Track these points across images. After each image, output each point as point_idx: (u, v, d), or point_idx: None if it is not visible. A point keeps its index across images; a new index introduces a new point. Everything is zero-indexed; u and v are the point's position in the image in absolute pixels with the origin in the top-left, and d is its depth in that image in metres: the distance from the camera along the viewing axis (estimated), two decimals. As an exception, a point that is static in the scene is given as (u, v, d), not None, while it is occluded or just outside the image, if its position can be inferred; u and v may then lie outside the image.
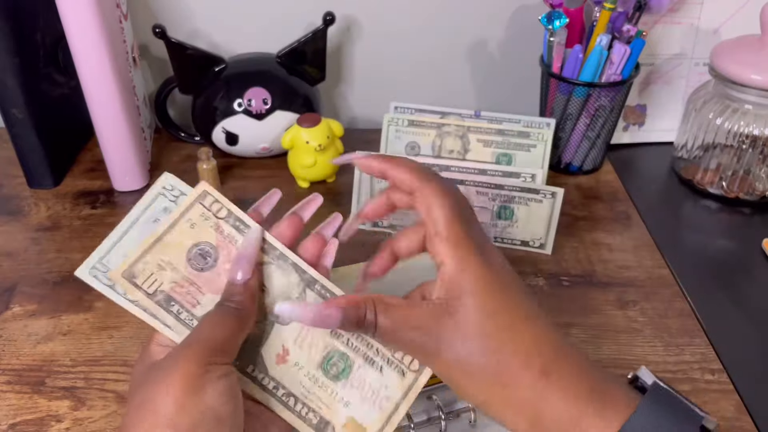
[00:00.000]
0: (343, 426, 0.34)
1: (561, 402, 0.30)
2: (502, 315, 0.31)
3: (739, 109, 0.67)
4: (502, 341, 0.31)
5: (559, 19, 0.66)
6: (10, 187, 0.72)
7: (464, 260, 0.32)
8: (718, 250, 0.65)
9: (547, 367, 0.30)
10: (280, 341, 0.35)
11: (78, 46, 0.61)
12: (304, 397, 0.34)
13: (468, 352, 0.31)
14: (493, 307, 0.31)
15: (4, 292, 0.57)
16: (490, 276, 0.32)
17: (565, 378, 0.30)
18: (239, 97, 0.71)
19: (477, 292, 0.32)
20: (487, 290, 0.32)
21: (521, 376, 0.30)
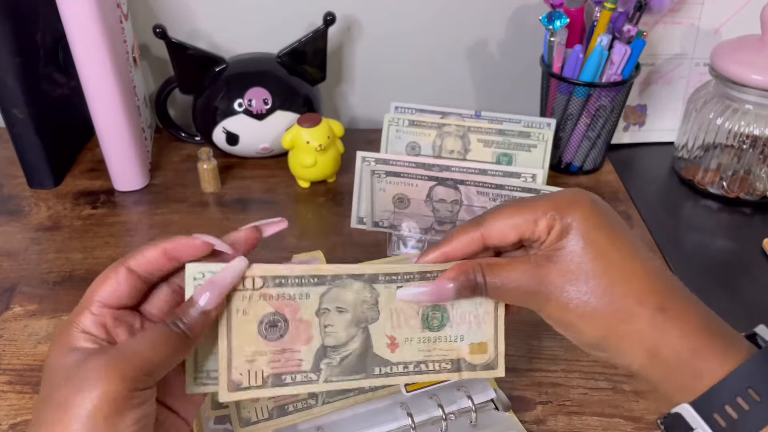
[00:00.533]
0: (469, 353, 0.37)
1: (679, 335, 0.30)
2: (609, 254, 0.32)
3: (740, 109, 0.67)
4: (612, 281, 0.31)
5: (559, 19, 0.66)
6: (11, 187, 0.72)
7: (563, 209, 0.33)
8: (718, 250, 0.65)
9: (662, 303, 0.31)
10: (382, 335, 0.37)
11: (78, 46, 0.61)
12: (430, 357, 0.37)
13: (578, 294, 0.32)
14: (599, 247, 0.32)
15: (4, 292, 0.57)
16: (593, 218, 0.33)
17: (682, 314, 0.31)
18: (240, 97, 0.71)
19: (580, 235, 0.32)
20: (590, 232, 0.32)
21: (638, 313, 0.31)
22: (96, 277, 0.34)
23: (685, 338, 0.30)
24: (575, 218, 0.33)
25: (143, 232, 0.65)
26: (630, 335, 0.31)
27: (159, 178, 0.73)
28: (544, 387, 0.49)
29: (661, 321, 0.31)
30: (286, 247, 0.63)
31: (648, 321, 0.31)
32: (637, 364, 0.31)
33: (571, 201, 0.33)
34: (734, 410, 0.29)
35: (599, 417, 0.47)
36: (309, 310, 0.36)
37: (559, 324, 0.33)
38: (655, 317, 0.31)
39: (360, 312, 0.37)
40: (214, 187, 0.71)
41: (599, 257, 0.32)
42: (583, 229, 0.32)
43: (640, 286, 0.31)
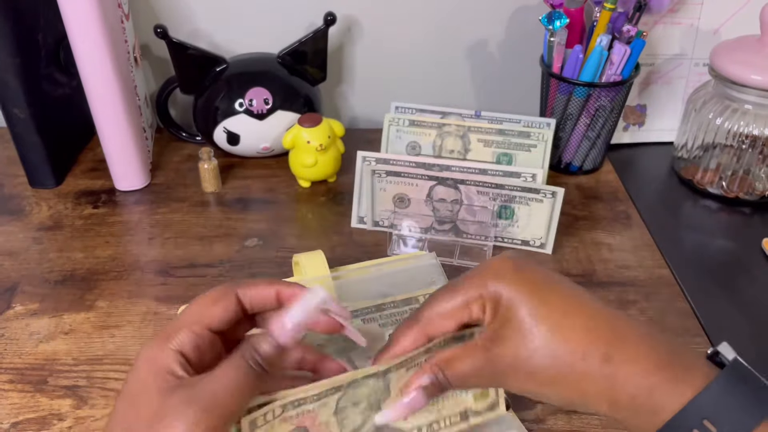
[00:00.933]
0: (474, 403, 0.39)
1: (631, 380, 0.30)
2: (545, 318, 0.32)
3: (739, 109, 0.67)
4: (555, 343, 0.31)
5: (559, 20, 0.66)
6: (12, 186, 0.72)
7: (488, 287, 0.33)
8: (718, 250, 0.65)
9: (608, 353, 0.31)
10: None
11: (80, 46, 0.62)
12: (440, 414, 0.38)
13: (531, 366, 0.32)
14: (533, 314, 0.32)
15: (5, 292, 0.58)
16: (520, 286, 0.33)
17: (630, 357, 0.31)
18: (240, 96, 0.71)
19: (512, 308, 0.32)
20: (522, 302, 0.32)
21: (585, 370, 0.31)
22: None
23: (638, 380, 0.30)
24: (503, 292, 0.33)
25: (144, 232, 0.65)
26: (588, 391, 0.31)
27: (160, 177, 0.74)
28: (543, 386, 0.49)
29: (610, 372, 0.31)
30: (287, 247, 0.63)
31: (597, 377, 0.31)
32: (603, 412, 0.32)
33: (494, 275, 0.33)
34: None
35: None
36: (327, 413, 0.36)
37: (529, 395, 0.34)
38: (603, 369, 0.31)
39: (373, 399, 0.38)
40: (214, 187, 0.71)
41: (537, 324, 0.32)
42: (514, 301, 0.32)
43: (582, 341, 0.31)
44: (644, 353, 0.31)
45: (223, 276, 0.59)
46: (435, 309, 0.35)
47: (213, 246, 0.63)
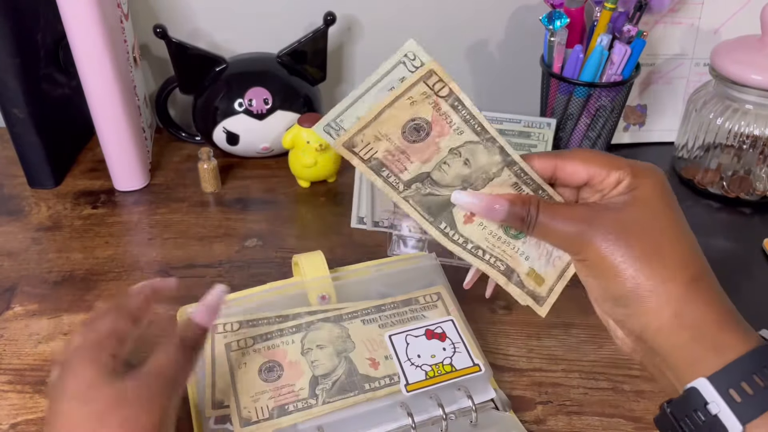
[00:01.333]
0: (526, 274, 0.39)
1: (707, 306, 0.32)
2: (664, 221, 0.34)
3: (740, 109, 0.67)
4: (660, 243, 0.33)
5: (559, 19, 0.66)
6: (11, 186, 0.72)
7: (637, 173, 0.35)
8: (718, 250, 0.65)
9: (699, 276, 0.33)
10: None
11: (79, 46, 0.61)
12: (491, 249, 0.38)
13: (625, 243, 0.33)
14: (658, 212, 0.34)
15: (5, 292, 0.57)
16: (660, 190, 0.35)
17: (712, 289, 0.33)
18: (240, 96, 0.71)
19: (644, 197, 0.34)
20: (654, 199, 0.34)
21: (674, 275, 0.32)
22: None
23: (712, 310, 0.32)
24: (645, 184, 0.34)
25: (144, 232, 0.65)
26: (659, 292, 0.32)
27: (159, 177, 0.74)
28: (544, 387, 0.49)
29: (693, 288, 0.32)
30: (286, 248, 0.63)
31: (680, 284, 0.32)
32: (656, 325, 0.32)
33: (645, 169, 0.35)
34: (750, 387, 0.29)
35: (599, 417, 0.47)
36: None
37: (591, 269, 0.34)
38: (688, 283, 0.32)
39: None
40: (214, 187, 0.71)
41: (656, 219, 0.33)
42: (648, 195, 0.34)
43: (683, 255, 0.33)
44: (721, 294, 0.33)
45: (223, 276, 0.59)
46: (579, 154, 0.36)
47: (212, 246, 0.63)
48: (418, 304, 0.49)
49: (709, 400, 0.30)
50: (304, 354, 0.45)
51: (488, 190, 0.37)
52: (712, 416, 0.30)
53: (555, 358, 0.52)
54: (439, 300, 0.50)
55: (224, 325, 0.46)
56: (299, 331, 0.46)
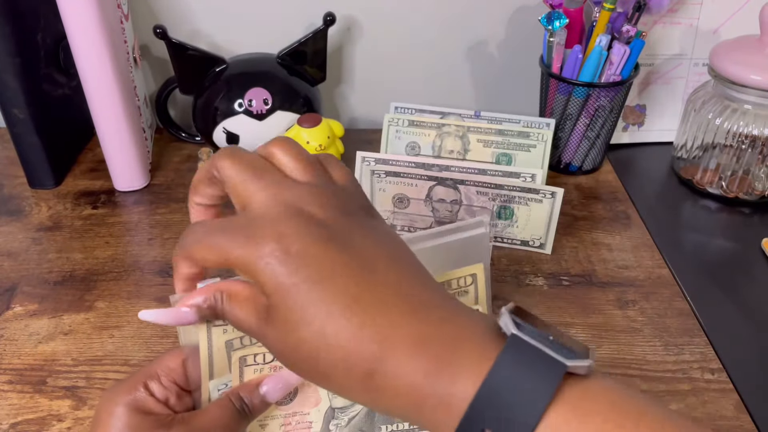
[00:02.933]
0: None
1: (399, 396, 0.27)
2: (311, 321, 0.27)
3: (739, 109, 0.67)
4: (315, 354, 0.27)
5: (558, 20, 0.66)
6: (11, 187, 0.72)
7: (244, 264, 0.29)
8: (717, 250, 0.65)
9: (371, 367, 0.27)
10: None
11: (79, 47, 0.62)
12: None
13: (290, 363, 0.29)
14: (299, 313, 0.27)
15: (5, 292, 0.58)
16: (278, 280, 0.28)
17: (397, 370, 0.26)
18: (240, 97, 0.71)
19: (282, 297, 0.28)
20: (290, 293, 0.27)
21: (349, 386, 0.28)
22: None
23: (406, 396, 0.27)
24: (264, 276, 0.28)
25: (144, 232, 0.65)
26: (360, 400, 0.28)
27: (159, 178, 0.74)
28: (543, 386, 0.49)
29: (374, 388, 0.27)
30: (286, 247, 0.63)
31: (363, 392, 0.27)
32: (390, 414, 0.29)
33: (254, 255, 0.28)
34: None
35: None
36: None
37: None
38: (368, 388, 0.27)
39: None
40: (214, 187, 0.71)
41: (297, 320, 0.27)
42: (273, 287, 0.28)
43: (346, 353, 0.27)
44: (413, 361, 0.26)
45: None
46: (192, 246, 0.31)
47: (212, 246, 0.63)
48: (450, 289, 0.42)
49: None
50: None
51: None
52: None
53: (554, 357, 0.52)
54: (473, 284, 0.43)
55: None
56: None
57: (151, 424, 0.32)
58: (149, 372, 0.34)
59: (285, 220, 0.28)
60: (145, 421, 0.32)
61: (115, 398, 0.33)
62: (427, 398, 0.26)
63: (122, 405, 0.33)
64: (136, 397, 0.33)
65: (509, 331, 0.27)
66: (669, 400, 0.48)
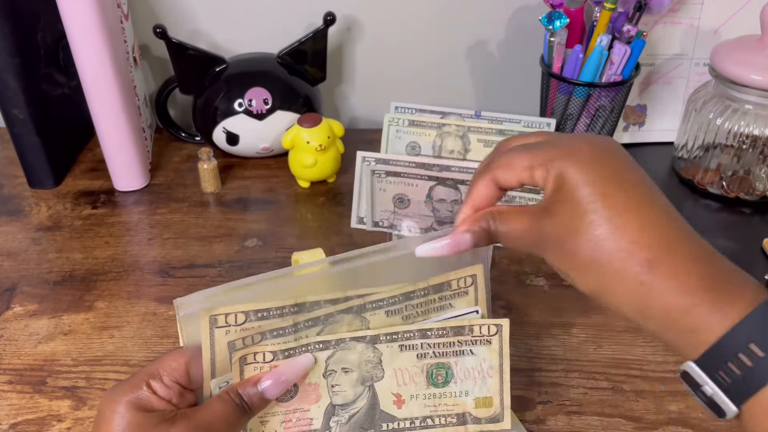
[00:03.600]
0: (474, 409, 0.39)
1: (668, 294, 0.29)
2: (600, 209, 0.31)
3: (739, 109, 0.67)
4: (602, 236, 0.31)
5: (559, 20, 0.66)
6: (11, 187, 0.72)
7: (556, 161, 0.33)
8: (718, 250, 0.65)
9: (652, 259, 0.30)
10: (388, 393, 0.39)
11: (79, 46, 0.61)
12: (435, 413, 0.38)
13: (571, 247, 0.31)
14: (590, 201, 0.31)
15: (4, 292, 0.58)
16: (588, 171, 0.32)
17: (674, 269, 0.30)
18: (240, 97, 0.71)
19: (572, 189, 0.32)
20: (583, 187, 0.31)
21: (624, 270, 0.30)
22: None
23: (676, 297, 0.29)
24: (569, 171, 0.32)
25: (144, 232, 0.65)
26: (619, 292, 0.31)
27: (159, 178, 0.74)
28: (544, 387, 0.49)
29: (649, 279, 0.30)
30: (286, 248, 0.63)
31: (634, 279, 0.30)
32: (630, 317, 0.31)
33: (567, 152, 0.33)
34: (737, 367, 0.28)
35: (599, 417, 0.47)
36: (316, 373, 0.38)
37: (559, 272, 0.34)
38: (641, 276, 0.30)
39: (365, 371, 0.39)
40: (214, 187, 0.71)
41: (590, 212, 0.31)
42: (576, 183, 0.32)
43: (631, 241, 0.30)
44: (689, 270, 0.30)
45: (223, 276, 0.59)
46: (503, 160, 0.35)
47: (212, 246, 0.63)
48: (450, 290, 0.42)
49: (702, 383, 0.29)
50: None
51: (390, 373, 0.38)
52: (708, 398, 0.29)
53: (555, 358, 0.52)
54: (473, 285, 0.43)
55: (226, 316, 0.37)
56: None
57: (155, 420, 0.33)
58: (151, 371, 0.35)
59: (596, 140, 0.34)
60: (148, 418, 0.33)
61: (117, 397, 0.33)
62: (693, 307, 0.29)
63: (125, 403, 0.33)
64: (139, 395, 0.33)
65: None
66: (670, 400, 0.48)
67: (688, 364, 0.30)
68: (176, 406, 0.34)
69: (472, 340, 0.40)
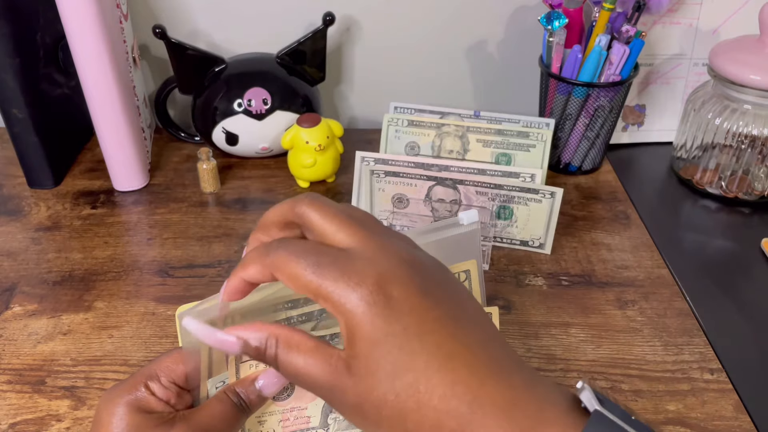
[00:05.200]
0: None
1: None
2: (404, 374, 0.26)
3: (738, 109, 0.67)
4: (403, 410, 0.26)
5: (558, 20, 0.66)
6: (11, 187, 0.72)
7: (341, 305, 0.27)
8: (717, 250, 0.65)
9: (461, 425, 0.26)
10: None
11: (78, 46, 0.61)
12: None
13: (369, 420, 0.27)
14: (393, 364, 0.26)
15: (4, 292, 0.58)
16: (376, 319, 0.27)
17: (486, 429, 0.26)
18: (239, 97, 0.71)
19: (364, 341, 0.27)
20: (374, 337, 0.26)
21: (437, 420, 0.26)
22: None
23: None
24: (355, 320, 0.27)
25: (143, 232, 0.65)
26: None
27: (159, 178, 0.74)
28: (542, 386, 0.49)
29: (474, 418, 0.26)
30: (286, 247, 0.63)
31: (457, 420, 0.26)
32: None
33: (349, 293, 0.27)
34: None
35: None
36: None
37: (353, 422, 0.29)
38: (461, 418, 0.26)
39: None
40: (213, 187, 0.71)
41: (391, 376, 0.26)
42: (366, 333, 0.26)
43: (436, 411, 0.26)
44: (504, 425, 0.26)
45: (222, 276, 0.59)
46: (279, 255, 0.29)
47: (212, 246, 0.63)
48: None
49: None
50: None
51: None
52: None
53: (553, 357, 0.52)
54: (467, 280, 0.43)
55: (224, 319, 0.39)
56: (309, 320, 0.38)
57: (153, 422, 0.33)
58: (149, 372, 0.35)
59: (386, 264, 0.27)
60: (147, 420, 0.33)
61: (115, 398, 0.33)
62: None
63: (123, 405, 0.33)
64: (137, 396, 0.34)
65: (593, 406, 0.26)
66: (668, 400, 0.48)
67: None
68: (174, 407, 0.35)
69: None
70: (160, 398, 0.34)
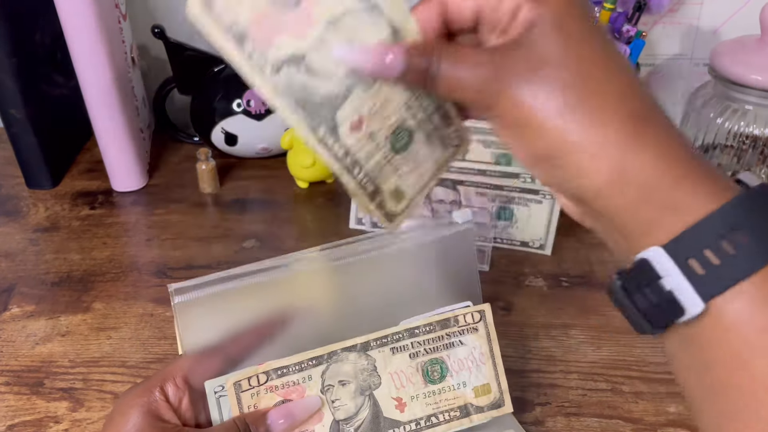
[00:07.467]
0: (475, 398, 0.39)
1: (654, 154, 0.24)
2: (587, 45, 0.26)
3: (739, 109, 0.67)
4: (588, 75, 0.25)
5: (558, 20, 0.66)
6: (9, 187, 0.72)
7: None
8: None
9: (639, 112, 0.25)
10: (388, 398, 0.39)
11: (76, 47, 0.61)
12: (438, 410, 0.39)
13: (539, 88, 0.25)
14: (571, 37, 0.26)
15: (2, 293, 0.57)
16: (569, 9, 0.27)
17: (665, 132, 0.25)
18: (238, 97, 0.71)
19: (550, 23, 0.26)
20: (564, 21, 0.26)
21: (606, 118, 0.25)
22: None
23: (662, 159, 0.24)
24: (547, 7, 0.26)
25: (141, 233, 0.65)
26: (592, 143, 0.25)
27: (157, 178, 0.73)
28: (542, 388, 0.49)
29: (634, 132, 0.24)
30: (285, 248, 0.63)
31: (618, 127, 0.24)
32: (595, 186, 0.25)
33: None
34: (716, 255, 0.23)
35: (598, 418, 0.47)
36: (314, 390, 0.38)
37: (509, 127, 0.27)
38: (629, 124, 0.25)
39: (362, 380, 0.39)
40: (212, 188, 0.71)
41: (574, 47, 0.26)
42: (559, 18, 0.26)
43: (619, 89, 0.25)
44: (678, 140, 0.25)
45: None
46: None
47: (211, 247, 0.63)
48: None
49: (663, 274, 0.24)
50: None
51: (387, 378, 0.38)
52: (666, 293, 0.24)
53: (553, 359, 0.51)
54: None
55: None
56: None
57: None
58: (165, 374, 0.36)
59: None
60: (155, 427, 0.33)
61: (130, 401, 0.34)
62: (680, 179, 0.24)
63: (136, 407, 0.34)
64: (150, 400, 0.34)
65: (752, 183, 0.25)
66: (669, 401, 0.48)
67: (652, 249, 0.24)
68: (183, 416, 0.35)
69: (459, 330, 0.41)
70: (172, 403, 0.35)
